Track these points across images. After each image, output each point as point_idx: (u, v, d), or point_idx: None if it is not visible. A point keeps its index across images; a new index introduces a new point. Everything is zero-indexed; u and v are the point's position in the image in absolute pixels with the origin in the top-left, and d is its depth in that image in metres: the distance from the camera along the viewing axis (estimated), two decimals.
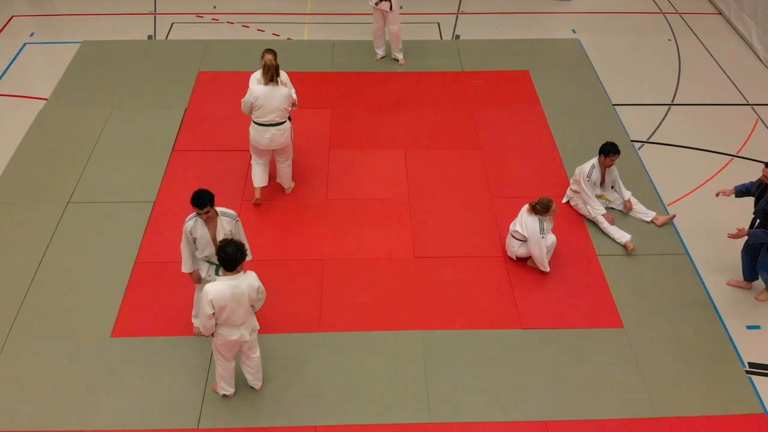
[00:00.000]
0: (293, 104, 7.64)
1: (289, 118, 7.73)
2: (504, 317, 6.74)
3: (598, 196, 7.76)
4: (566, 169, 8.51)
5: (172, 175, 8.32)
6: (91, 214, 7.77)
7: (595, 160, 7.62)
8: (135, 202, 7.93)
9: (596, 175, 7.62)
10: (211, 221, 5.78)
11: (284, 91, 7.37)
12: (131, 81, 9.96)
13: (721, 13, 12.21)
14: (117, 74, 10.10)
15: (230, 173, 8.40)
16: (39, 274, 7.08)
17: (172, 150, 8.71)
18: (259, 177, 7.86)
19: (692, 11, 12.32)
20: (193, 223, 5.79)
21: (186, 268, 6.01)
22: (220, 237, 5.74)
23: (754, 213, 6.67)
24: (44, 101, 9.59)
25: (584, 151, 8.55)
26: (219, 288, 5.24)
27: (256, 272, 5.79)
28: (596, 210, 7.63)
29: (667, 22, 12.01)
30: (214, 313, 5.28)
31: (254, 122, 7.50)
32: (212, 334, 5.51)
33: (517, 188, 8.28)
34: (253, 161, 7.92)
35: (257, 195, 7.91)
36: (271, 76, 7.27)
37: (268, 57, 7.41)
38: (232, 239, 5.34)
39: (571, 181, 8.00)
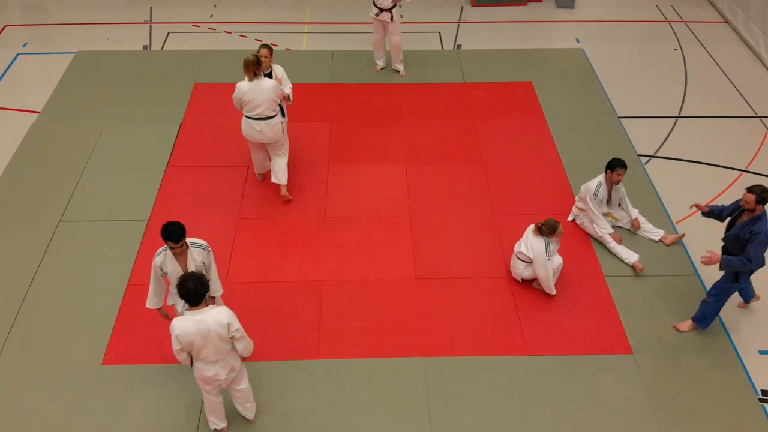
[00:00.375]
0: (287, 98, 7.73)
1: (283, 114, 7.75)
2: (509, 343, 6.51)
3: (605, 214, 7.55)
4: (571, 185, 8.29)
5: (166, 192, 8.10)
6: (83, 233, 7.55)
7: (601, 177, 7.41)
8: (128, 221, 7.71)
9: (603, 192, 7.41)
10: (182, 254, 5.50)
11: (270, 84, 7.33)
12: (126, 93, 9.74)
13: (727, 22, 11.99)
14: (111, 86, 9.89)
15: (226, 190, 8.18)
16: (29, 297, 6.86)
17: (167, 165, 8.49)
18: (258, 166, 8.13)
19: (698, 19, 12.09)
20: (162, 257, 5.50)
21: (150, 303, 5.75)
22: (191, 270, 5.47)
23: (723, 239, 6.28)
24: (37, 114, 9.37)
25: (590, 166, 8.34)
26: (184, 324, 4.97)
27: (252, 294, 5.58)
28: (603, 229, 7.41)
29: (673, 30, 11.79)
30: (182, 348, 5.05)
31: (245, 116, 7.54)
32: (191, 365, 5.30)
33: (521, 205, 8.06)
34: (251, 151, 8.03)
35: (260, 179, 8.31)
36: (251, 71, 7.24)
37: (262, 52, 7.53)
38: (192, 273, 5.01)
39: (576, 198, 7.79)
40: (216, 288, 5.82)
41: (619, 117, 9.53)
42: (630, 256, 7.29)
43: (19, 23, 11.67)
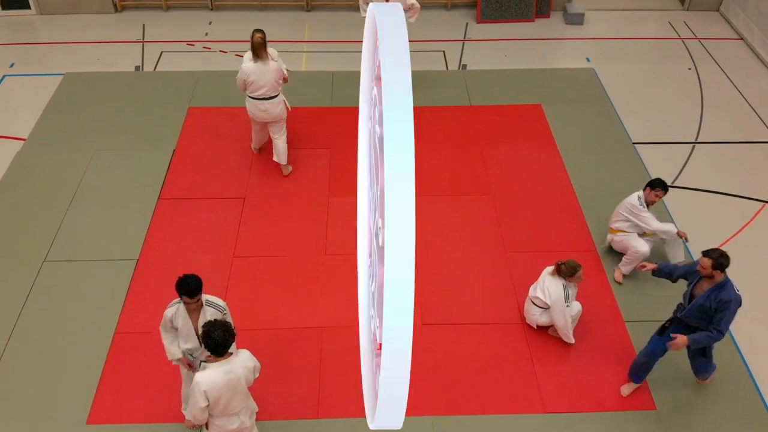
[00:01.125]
0: (284, 79, 8.03)
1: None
2: (525, 399, 6.05)
3: (641, 235, 7.05)
4: (586, 218, 7.85)
5: (157, 229, 7.64)
6: (68, 274, 7.10)
7: (640, 192, 6.95)
8: (116, 260, 7.26)
9: (644, 204, 6.93)
10: (195, 310, 5.10)
11: (274, 66, 7.77)
12: (116, 118, 9.28)
13: (742, 38, 11.55)
14: (101, 110, 9.42)
15: (221, 225, 7.73)
16: (9, 346, 6.41)
17: (158, 198, 8.04)
18: (256, 141, 8.58)
19: (712, 36, 11.65)
20: (174, 310, 5.12)
21: (172, 355, 5.25)
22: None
23: (681, 316, 5.62)
24: (22, 142, 8.92)
25: (604, 196, 7.96)
26: (212, 377, 4.63)
27: (246, 344, 5.21)
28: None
29: (686, 48, 11.34)
30: (209, 405, 4.67)
31: (249, 96, 7.93)
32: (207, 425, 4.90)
33: (533, 240, 7.61)
34: (252, 129, 8.48)
35: (256, 152, 8.70)
36: (260, 53, 7.65)
37: (257, 36, 7.71)
38: (216, 321, 4.72)
39: (611, 221, 7.22)
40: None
41: (634, 143, 9.08)
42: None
43: (6, 42, 11.21)
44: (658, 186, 6.84)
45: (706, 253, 5.37)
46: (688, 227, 7.80)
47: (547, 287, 6.32)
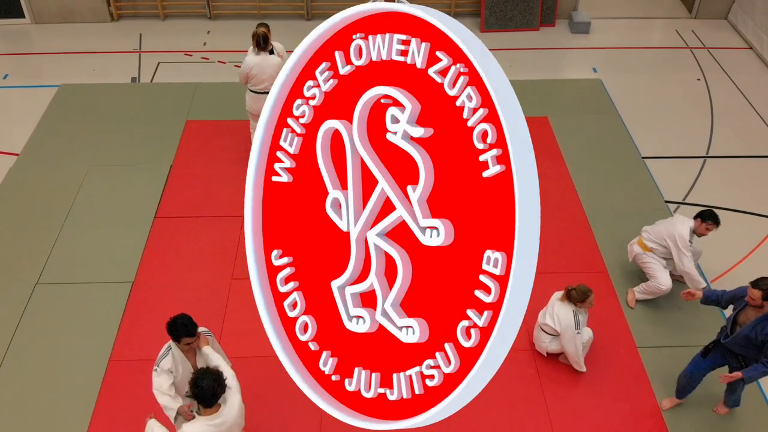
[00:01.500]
0: None
1: None
2: (535, 430, 5.82)
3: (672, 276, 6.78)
4: (595, 236, 7.62)
5: (153, 249, 7.40)
6: (61, 298, 6.86)
7: (691, 224, 6.56)
8: (111, 283, 7.02)
9: (693, 241, 6.57)
10: (190, 350, 4.85)
11: (276, 60, 7.81)
12: (111, 132, 9.04)
13: (751, 48, 11.32)
14: (96, 124, 9.18)
15: (219, 245, 7.49)
16: (0, 373, 6.20)
17: (155, 216, 7.80)
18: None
19: (720, 45, 11.42)
20: (170, 360, 4.80)
21: (176, 406, 4.85)
22: (201, 363, 4.83)
23: (724, 342, 5.44)
24: (15, 157, 8.69)
25: (614, 214, 7.76)
26: (202, 431, 4.37)
27: (244, 372, 4.99)
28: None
29: (695, 57, 11.12)
30: None
31: (249, 90, 7.93)
32: None
33: (541, 260, 7.26)
34: (250, 125, 8.38)
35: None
36: (259, 44, 7.68)
37: (261, 29, 7.76)
38: (205, 370, 4.44)
39: (644, 236, 6.78)
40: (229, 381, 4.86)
41: (643, 157, 8.85)
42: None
43: (1, 52, 10.98)
44: (709, 219, 6.44)
45: (755, 284, 5.14)
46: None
47: (557, 313, 6.09)
